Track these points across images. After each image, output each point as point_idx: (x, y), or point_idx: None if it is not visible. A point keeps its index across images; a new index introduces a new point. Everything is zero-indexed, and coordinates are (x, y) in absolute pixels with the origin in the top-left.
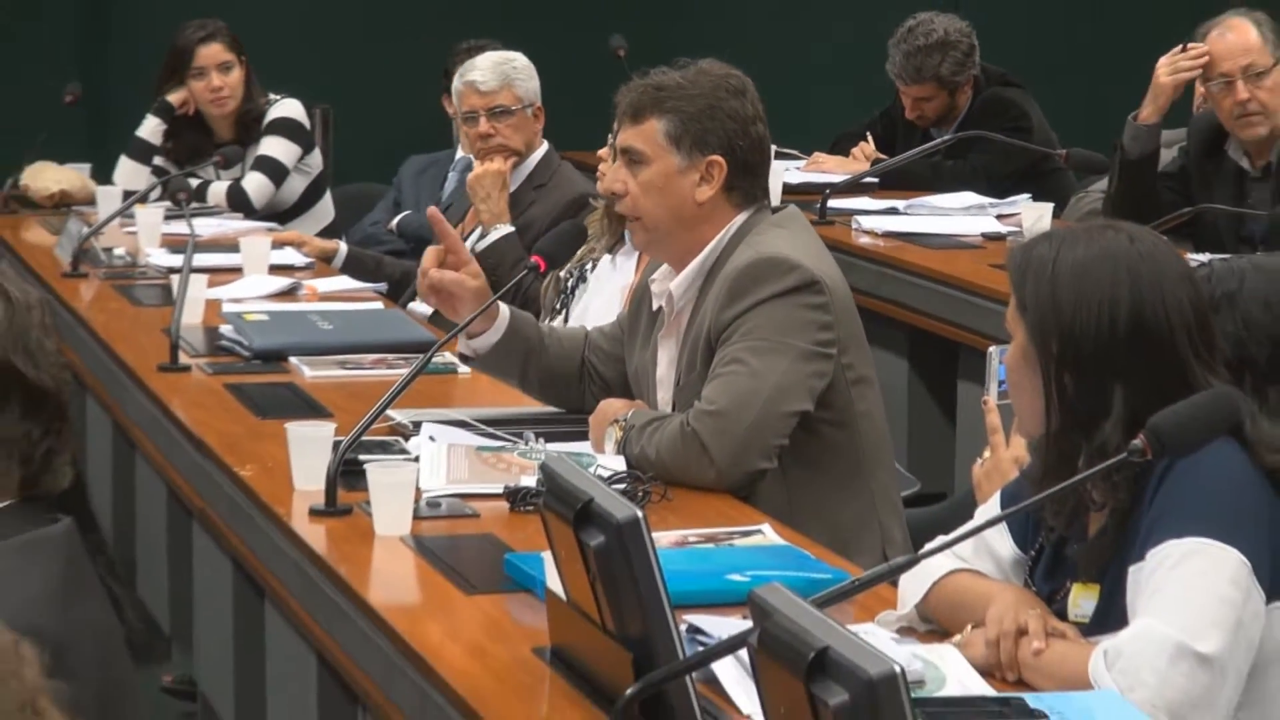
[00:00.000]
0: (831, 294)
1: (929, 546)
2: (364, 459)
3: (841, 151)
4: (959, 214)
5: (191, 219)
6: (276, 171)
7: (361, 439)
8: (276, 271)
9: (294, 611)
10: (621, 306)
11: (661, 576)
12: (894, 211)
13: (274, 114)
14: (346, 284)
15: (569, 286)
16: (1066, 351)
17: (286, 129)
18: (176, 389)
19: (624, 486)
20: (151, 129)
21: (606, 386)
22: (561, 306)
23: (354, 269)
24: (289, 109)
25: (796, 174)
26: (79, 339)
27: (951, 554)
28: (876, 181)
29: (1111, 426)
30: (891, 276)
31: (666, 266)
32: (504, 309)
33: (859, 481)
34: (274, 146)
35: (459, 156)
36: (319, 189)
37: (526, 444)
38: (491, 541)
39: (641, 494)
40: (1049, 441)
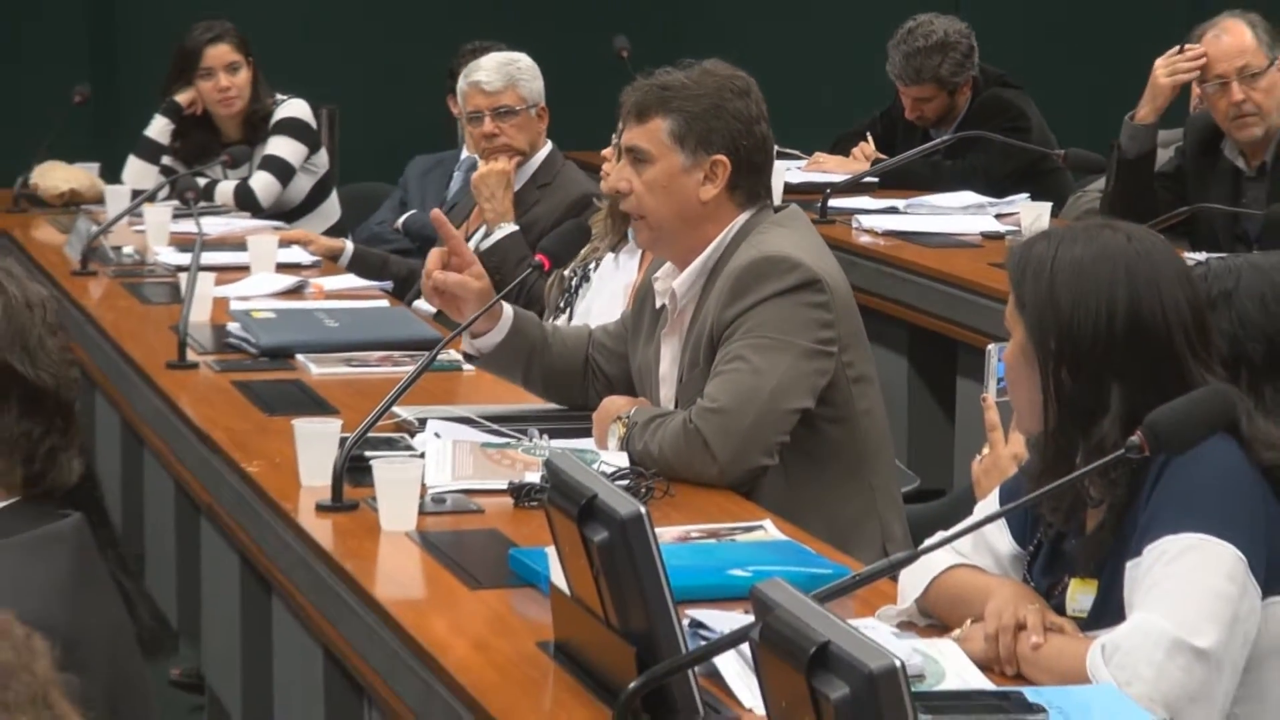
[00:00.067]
0: (832, 292)
1: (929, 542)
2: (370, 455)
3: (842, 151)
4: (958, 213)
5: (199, 218)
6: (283, 171)
7: (367, 435)
8: (283, 270)
9: (301, 606)
10: (624, 305)
11: (664, 571)
12: (894, 211)
13: (281, 114)
14: (353, 282)
15: (573, 285)
16: (1065, 349)
17: (293, 129)
18: (184, 386)
19: (627, 483)
20: (160, 129)
21: (610, 384)
22: (566, 306)
23: (360, 267)
24: (296, 109)
25: (797, 174)
26: (88, 337)
27: (951, 549)
28: (877, 181)
29: (1109, 423)
30: (891, 275)
31: (670, 265)
32: (507, 309)
33: (859, 478)
34: (281, 146)
35: (464, 156)
36: (325, 188)
37: (531, 440)
38: (496, 537)
39: (644, 490)
40: (1047, 438)
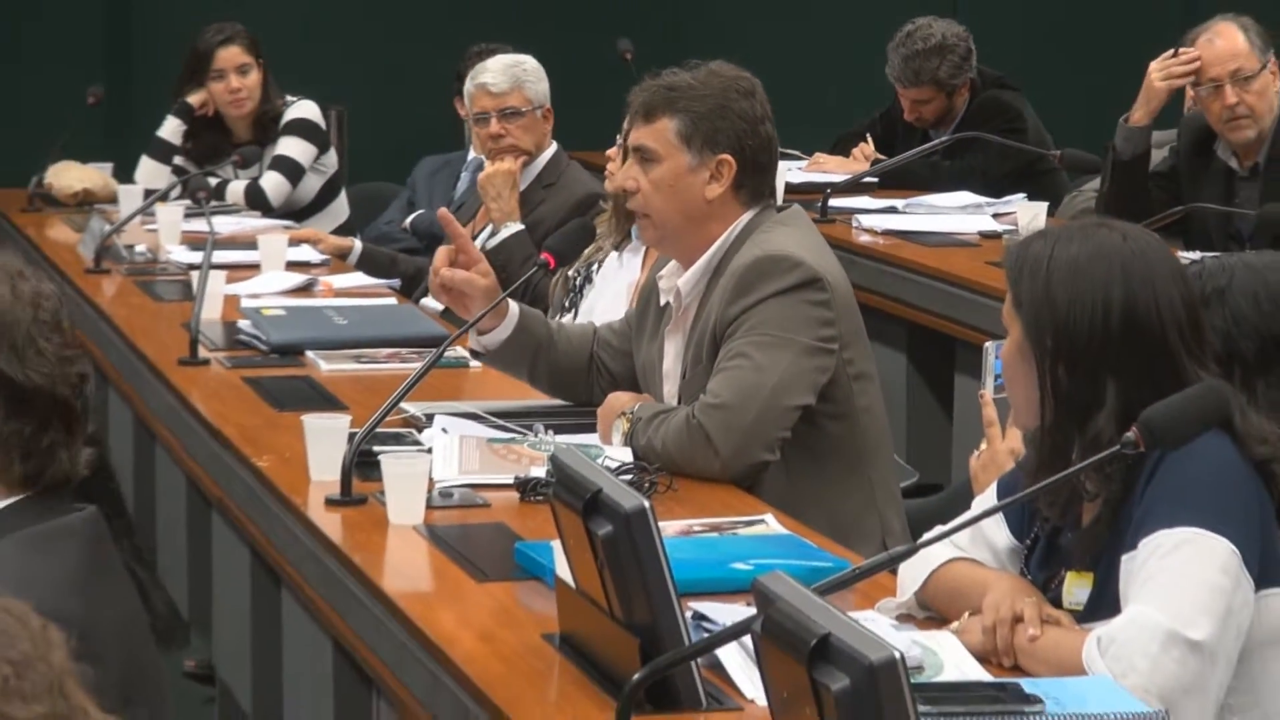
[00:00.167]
0: (833, 291)
1: (927, 536)
2: (378, 450)
3: (842, 152)
4: (956, 213)
5: (211, 217)
6: (293, 171)
7: (376, 431)
8: (293, 268)
9: (310, 598)
10: (628, 303)
11: (668, 565)
12: (893, 210)
13: (291, 115)
14: (361, 280)
15: (577, 285)
16: (1061, 346)
17: (303, 129)
18: (196, 382)
19: (631, 477)
20: (172, 129)
21: (614, 381)
22: (571, 305)
23: (368, 266)
24: (305, 110)
25: (798, 174)
26: (101, 334)
27: (949, 543)
28: (876, 181)
29: (1105, 419)
30: (891, 273)
31: (674, 263)
32: (513, 306)
33: (859, 473)
34: (291, 146)
35: (471, 157)
36: (334, 188)
37: (536, 436)
38: (502, 530)
39: (648, 484)
40: (1044, 434)
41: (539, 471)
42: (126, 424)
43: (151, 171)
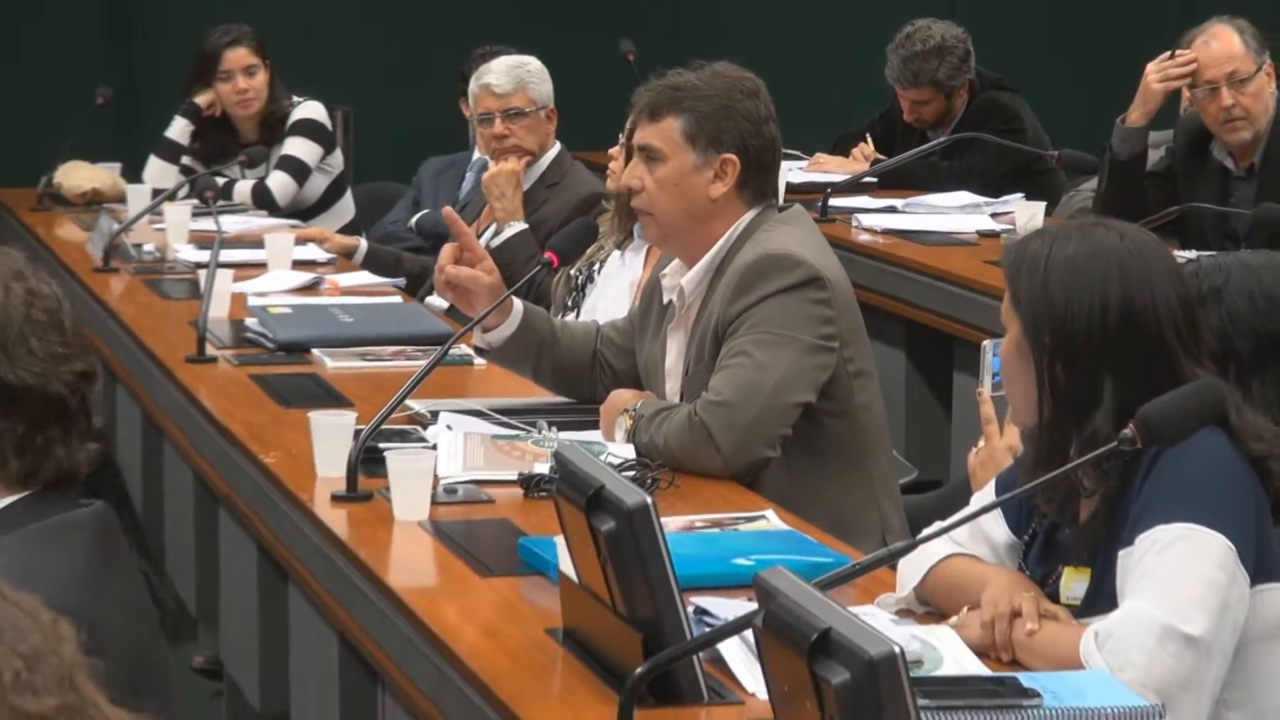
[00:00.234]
0: (834, 289)
1: (927, 532)
2: (384, 447)
3: (842, 152)
4: (955, 212)
5: (218, 216)
6: (299, 171)
7: (381, 428)
8: (299, 267)
9: (316, 593)
10: (630, 301)
11: (670, 560)
12: (893, 210)
13: (297, 115)
14: (367, 279)
15: (579, 284)
16: (1059, 344)
17: (309, 130)
18: (204, 379)
19: (633, 474)
20: (179, 130)
21: (617, 378)
22: (573, 304)
23: (374, 265)
24: (311, 110)
25: (799, 174)
26: (109, 332)
27: (948, 539)
28: (876, 181)
29: (1102, 416)
30: (890, 272)
31: (677, 261)
32: (517, 304)
33: (859, 469)
34: (297, 147)
35: (476, 157)
36: (340, 188)
37: (540, 433)
38: (506, 526)
39: (650, 481)
40: (1042, 431)
41: (542, 468)
42: (135, 421)
43: (159, 171)
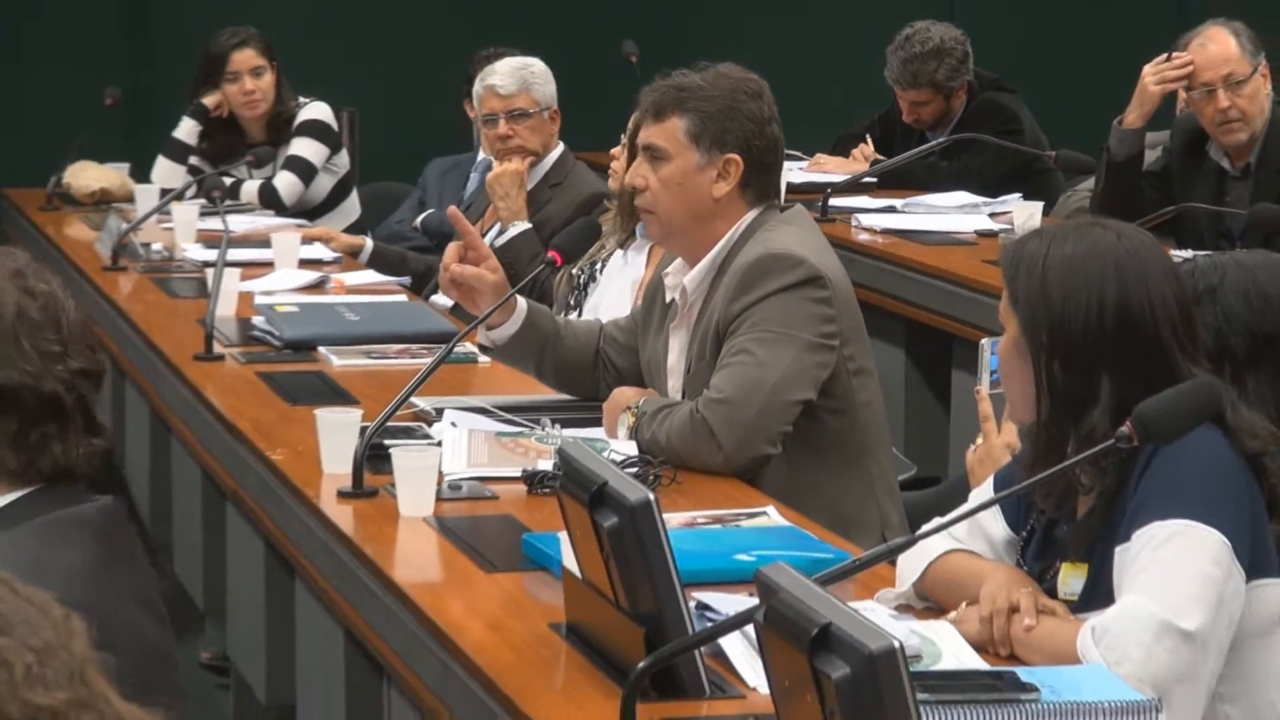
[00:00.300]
0: (834, 288)
1: (926, 528)
2: (389, 444)
3: (842, 153)
4: (954, 212)
5: (225, 215)
6: (306, 171)
7: (387, 425)
8: (306, 266)
9: (322, 588)
10: (632, 300)
11: (672, 556)
12: (892, 210)
13: (303, 116)
14: (372, 278)
15: (581, 283)
16: (1056, 342)
17: (315, 130)
18: (211, 377)
19: (636, 470)
20: (187, 130)
21: (620, 376)
22: (575, 303)
23: (379, 264)
24: (318, 111)
25: (800, 174)
26: (118, 329)
27: (947, 535)
28: (875, 181)
29: (1099, 414)
30: (890, 271)
31: (680, 260)
32: (521, 302)
33: (859, 466)
34: (303, 147)
35: (480, 158)
36: (346, 188)
37: (543, 430)
38: (510, 522)
39: (653, 477)
40: (1040, 428)
41: (546, 465)
42: (143, 418)
43: (167, 171)
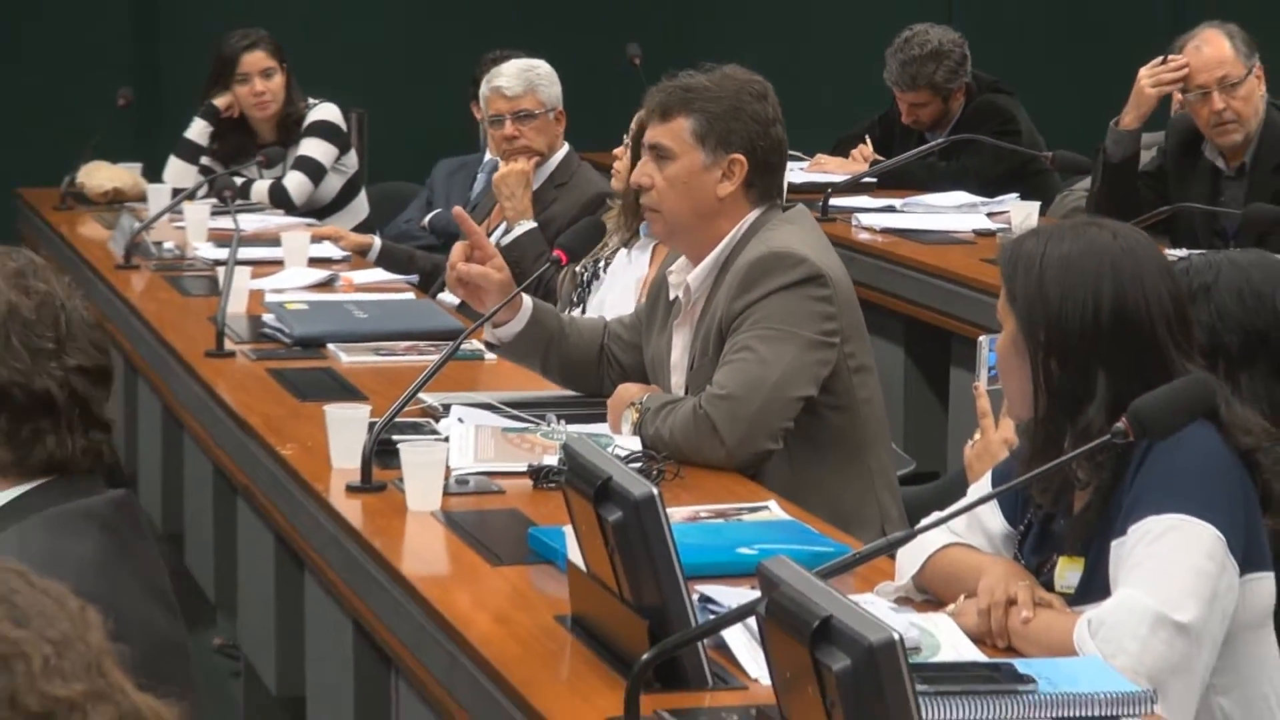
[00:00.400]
0: (835, 286)
1: (925, 522)
2: (397, 439)
3: (842, 153)
4: (952, 212)
5: (236, 215)
6: (315, 171)
7: (395, 420)
8: (315, 264)
9: (332, 581)
10: (636, 297)
11: (675, 549)
12: (891, 209)
13: (313, 117)
14: (380, 276)
15: (585, 280)
16: (1053, 340)
17: (324, 131)
18: (222, 373)
19: (640, 465)
20: (199, 131)
21: (624, 372)
22: (579, 301)
23: (388, 262)
24: (327, 112)
25: (800, 174)
26: (131, 327)
27: (946, 529)
28: (875, 181)
29: (1095, 410)
30: (889, 270)
31: (684, 259)
32: (527, 300)
33: (859, 462)
34: (313, 147)
35: (487, 159)
36: (354, 187)
37: (549, 425)
38: (516, 516)
39: (656, 472)
40: (1037, 424)
41: (552, 460)
42: (155, 414)
43: (179, 171)
